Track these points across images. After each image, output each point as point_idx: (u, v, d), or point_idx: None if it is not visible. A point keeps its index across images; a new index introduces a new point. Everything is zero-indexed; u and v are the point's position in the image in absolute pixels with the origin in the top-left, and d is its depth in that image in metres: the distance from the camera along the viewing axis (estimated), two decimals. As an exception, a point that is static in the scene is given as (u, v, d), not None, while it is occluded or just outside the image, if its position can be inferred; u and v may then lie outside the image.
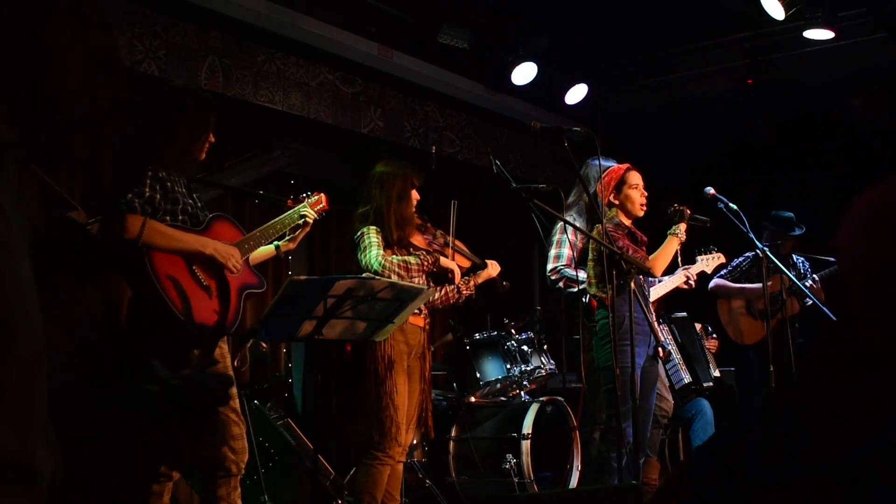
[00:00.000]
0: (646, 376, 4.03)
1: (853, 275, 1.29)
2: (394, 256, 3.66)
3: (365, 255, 3.64)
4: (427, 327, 3.83)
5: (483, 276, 4.04)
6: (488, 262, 4.06)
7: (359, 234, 3.71)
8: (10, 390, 0.69)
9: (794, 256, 5.78)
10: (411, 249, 3.80)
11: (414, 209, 3.82)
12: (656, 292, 4.57)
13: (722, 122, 6.79)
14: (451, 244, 3.85)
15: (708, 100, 6.61)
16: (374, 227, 3.71)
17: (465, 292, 4.03)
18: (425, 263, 3.70)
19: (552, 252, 4.58)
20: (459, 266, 3.96)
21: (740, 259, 5.84)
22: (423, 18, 5.58)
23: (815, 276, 5.63)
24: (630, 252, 3.94)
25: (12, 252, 0.72)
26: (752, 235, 4.67)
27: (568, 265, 4.50)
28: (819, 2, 5.36)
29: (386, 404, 3.59)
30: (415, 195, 3.82)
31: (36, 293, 0.75)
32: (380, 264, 3.58)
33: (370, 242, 3.66)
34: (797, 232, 5.74)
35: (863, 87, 6.36)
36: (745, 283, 5.83)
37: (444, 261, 3.78)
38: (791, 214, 5.76)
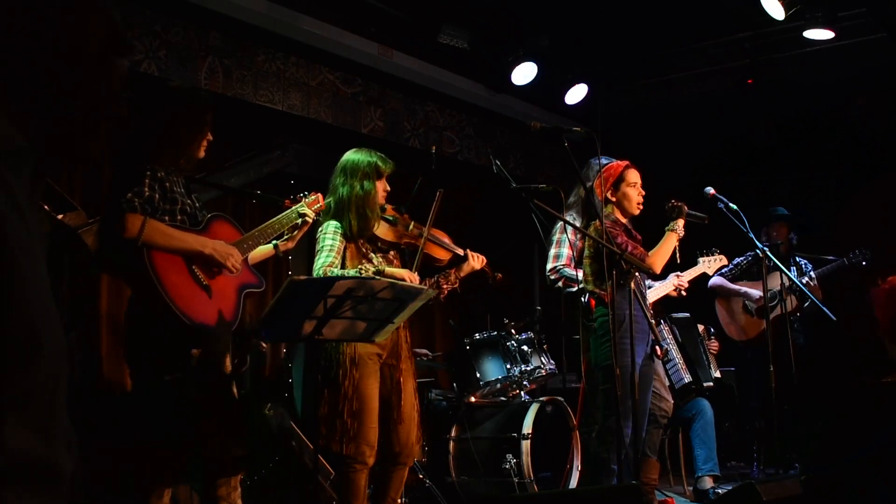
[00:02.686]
0: (643, 376, 4.02)
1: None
2: (335, 269, 3.47)
3: (315, 262, 3.50)
4: (400, 326, 3.60)
5: (465, 269, 3.83)
6: (471, 253, 3.83)
7: (318, 232, 3.58)
8: (36, 396, 0.71)
9: (797, 257, 5.80)
10: (379, 244, 3.66)
11: (381, 200, 3.64)
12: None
13: (722, 122, 6.79)
14: (425, 235, 3.65)
15: (708, 100, 6.62)
16: (333, 224, 3.55)
17: (444, 287, 3.81)
18: (366, 273, 3.44)
19: (552, 252, 4.58)
20: (438, 258, 3.79)
21: (741, 258, 5.85)
22: (423, 18, 5.58)
23: (812, 273, 5.63)
24: (629, 248, 3.93)
25: (34, 258, 0.73)
26: (751, 235, 4.67)
27: (567, 265, 4.50)
28: (819, 2, 5.36)
29: (343, 408, 3.44)
30: (383, 186, 3.65)
31: (53, 298, 0.76)
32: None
33: (323, 246, 3.51)
34: (781, 211, 5.80)
35: (863, 87, 6.36)
36: (744, 281, 5.85)
37: (390, 270, 3.55)
38: (779, 210, 5.86)
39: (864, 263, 5.61)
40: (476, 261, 3.84)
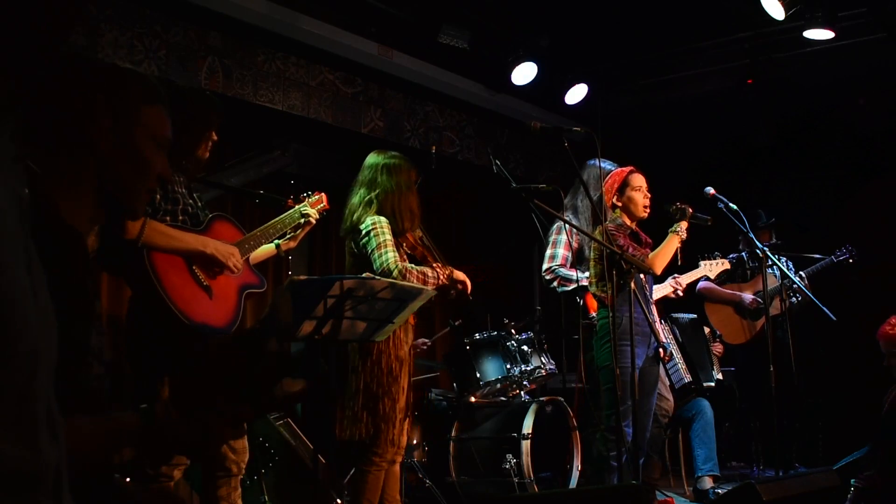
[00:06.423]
0: (645, 377, 4.04)
1: None
2: (411, 265, 3.56)
3: (380, 255, 3.49)
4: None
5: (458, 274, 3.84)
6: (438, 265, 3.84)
7: (368, 224, 3.55)
8: (9, 393, 0.66)
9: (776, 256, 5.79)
10: (405, 245, 3.72)
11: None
12: None
13: (722, 122, 6.79)
14: (422, 241, 3.76)
15: (708, 100, 6.61)
16: (385, 220, 3.56)
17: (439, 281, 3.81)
18: (441, 277, 3.62)
19: (548, 252, 4.61)
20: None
21: None
22: (423, 18, 5.57)
23: (801, 273, 5.62)
24: (630, 251, 3.94)
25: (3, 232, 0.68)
26: (752, 235, 4.68)
27: (563, 265, 4.52)
28: (819, 2, 5.35)
29: (389, 406, 3.53)
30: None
31: (28, 283, 0.71)
32: (398, 271, 3.46)
33: (385, 241, 3.51)
34: (763, 221, 5.78)
35: (863, 87, 6.36)
36: (728, 284, 5.83)
37: (457, 273, 3.69)
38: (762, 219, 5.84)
39: (850, 261, 5.61)
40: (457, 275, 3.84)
